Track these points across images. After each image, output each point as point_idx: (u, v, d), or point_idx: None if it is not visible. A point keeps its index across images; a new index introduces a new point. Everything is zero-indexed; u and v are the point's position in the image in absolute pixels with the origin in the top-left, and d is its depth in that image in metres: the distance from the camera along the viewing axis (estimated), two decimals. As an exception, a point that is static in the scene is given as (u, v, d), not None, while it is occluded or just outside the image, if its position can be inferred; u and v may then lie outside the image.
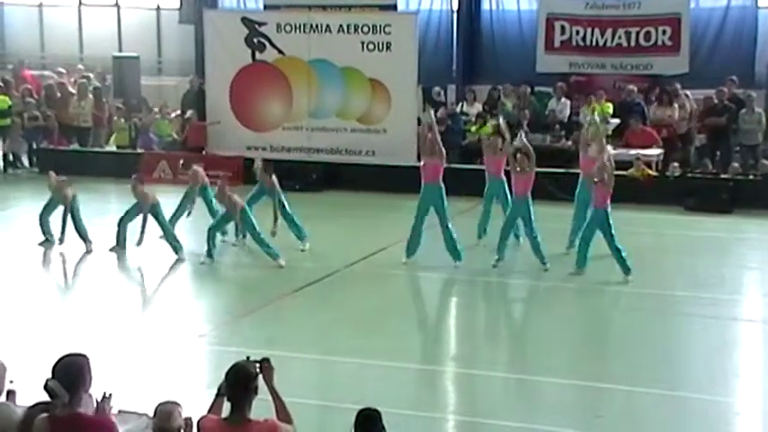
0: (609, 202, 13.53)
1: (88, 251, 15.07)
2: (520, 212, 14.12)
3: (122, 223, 15.03)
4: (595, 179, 13.43)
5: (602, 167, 13.45)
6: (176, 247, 14.74)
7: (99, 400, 5.37)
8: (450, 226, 14.18)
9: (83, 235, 15.17)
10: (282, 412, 5.46)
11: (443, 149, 14.01)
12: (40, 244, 15.32)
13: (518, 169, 14.00)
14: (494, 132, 15.96)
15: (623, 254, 13.59)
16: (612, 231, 13.56)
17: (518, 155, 14.06)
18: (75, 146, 22.74)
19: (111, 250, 14.97)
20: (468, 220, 15.72)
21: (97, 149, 22.46)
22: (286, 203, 14.97)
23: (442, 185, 13.98)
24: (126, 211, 15.01)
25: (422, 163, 14.23)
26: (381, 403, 6.05)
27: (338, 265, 14.46)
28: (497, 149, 14.86)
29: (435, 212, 14.14)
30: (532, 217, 14.03)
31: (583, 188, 14.73)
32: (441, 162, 13.95)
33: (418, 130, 16.41)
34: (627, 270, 13.57)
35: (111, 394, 5.42)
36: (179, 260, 14.63)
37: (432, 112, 15.41)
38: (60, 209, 15.23)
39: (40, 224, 15.33)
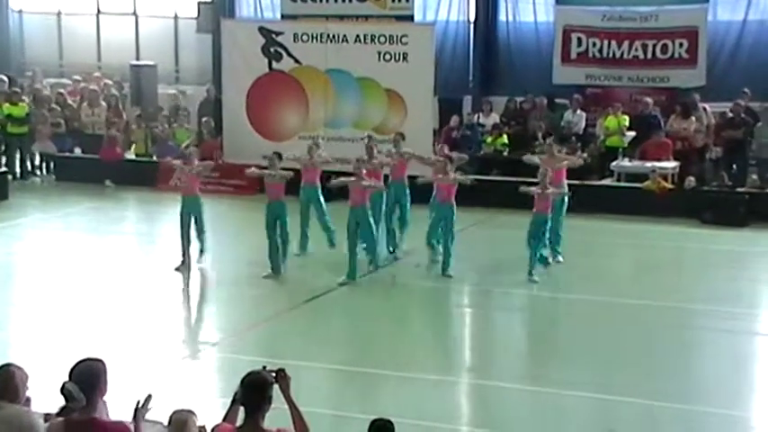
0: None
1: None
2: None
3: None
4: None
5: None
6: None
7: (138, 406, 5.41)
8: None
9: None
10: (299, 422, 5.44)
11: None
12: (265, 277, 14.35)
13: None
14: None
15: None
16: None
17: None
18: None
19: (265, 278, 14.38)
20: (484, 231, 15.69)
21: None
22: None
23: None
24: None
25: None
26: (394, 414, 6.05)
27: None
28: None
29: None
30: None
31: None
32: None
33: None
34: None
35: (150, 395, 5.46)
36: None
37: None
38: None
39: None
